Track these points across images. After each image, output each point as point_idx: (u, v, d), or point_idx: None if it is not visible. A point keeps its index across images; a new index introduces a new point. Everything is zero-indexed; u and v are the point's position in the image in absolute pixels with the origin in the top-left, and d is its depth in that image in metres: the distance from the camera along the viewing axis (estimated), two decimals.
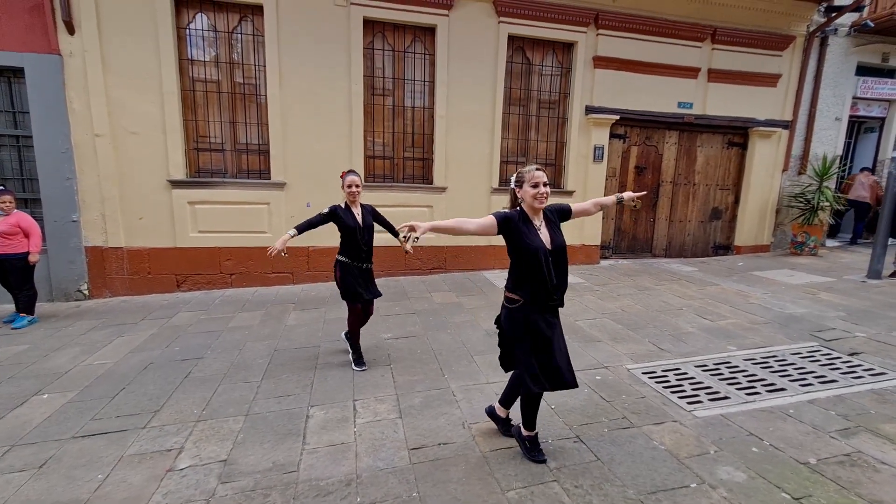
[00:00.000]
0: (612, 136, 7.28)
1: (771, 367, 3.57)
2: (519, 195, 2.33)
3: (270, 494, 2.20)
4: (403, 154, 6.74)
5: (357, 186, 3.51)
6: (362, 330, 4.47)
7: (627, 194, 2.69)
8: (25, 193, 5.67)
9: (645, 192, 2.89)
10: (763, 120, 7.68)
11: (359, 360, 3.65)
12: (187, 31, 5.84)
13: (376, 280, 3.86)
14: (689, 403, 3.02)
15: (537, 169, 2.28)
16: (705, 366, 3.59)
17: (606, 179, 7.38)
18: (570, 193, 7.18)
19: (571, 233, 7.21)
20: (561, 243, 2.32)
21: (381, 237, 6.52)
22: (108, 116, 5.59)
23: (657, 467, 2.35)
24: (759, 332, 4.32)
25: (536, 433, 2.43)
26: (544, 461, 2.37)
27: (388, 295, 5.73)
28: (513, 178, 2.37)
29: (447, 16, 6.34)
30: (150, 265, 6.00)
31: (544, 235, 2.29)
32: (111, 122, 5.62)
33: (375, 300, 3.76)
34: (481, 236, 2.29)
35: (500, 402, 2.65)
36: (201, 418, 2.93)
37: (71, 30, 5.37)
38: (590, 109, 6.99)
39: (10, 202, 4.88)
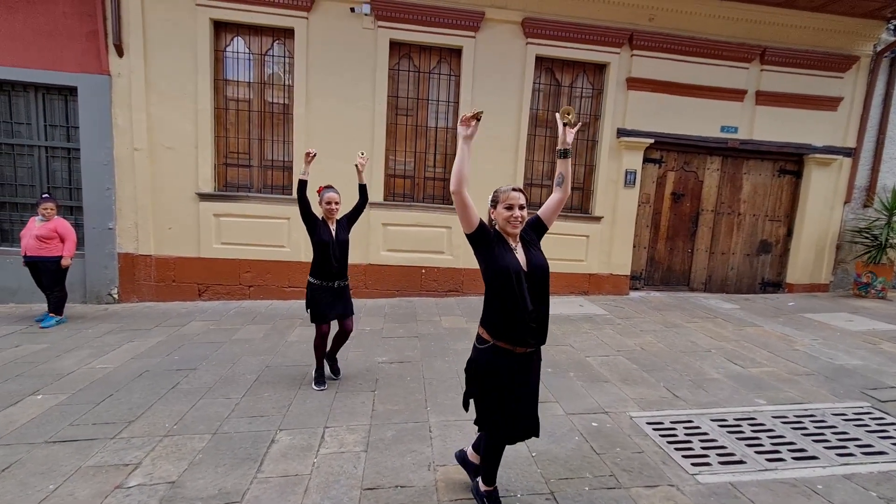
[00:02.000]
0: (647, 160, 6.87)
1: (805, 428, 3.06)
2: (492, 216, 2.11)
3: None
4: (425, 174, 6.69)
5: (336, 203, 3.45)
6: (358, 352, 4.38)
7: (561, 136, 2.16)
8: (71, 202, 6.11)
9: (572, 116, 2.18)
10: (821, 146, 6.98)
11: (319, 379, 3.54)
12: (224, 53, 6.17)
13: (389, 299, 3.74)
14: (693, 465, 2.62)
15: (514, 189, 2.04)
16: (724, 421, 3.14)
17: (639, 206, 6.95)
18: (598, 219, 6.81)
19: (599, 259, 6.87)
20: (539, 264, 2.04)
21: (401, 257, 6.55)
22: (146, 132, 5.96)
23: None
24: (798, 384, 3.77)
25: (495, 488, 2.16)
26: None
27: (397, 316, 5.60)
28: (490, 197, 2.15)
29: (474, 37, 6.31)
30: (175, 273, 6.25)
31: (520, 256, 2.04)
32: (150, 138, 5.98)
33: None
34: (461, 220, 2.00)
35: (474, 446, 2.38)
36: (169, 433, 2.88)
37: (120, 52, 5.81)
38: (622, 132, 6.65)
39: (51, 209, 5.25)
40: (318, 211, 3.53)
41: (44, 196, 5.32)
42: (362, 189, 3.74)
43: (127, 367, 3.97)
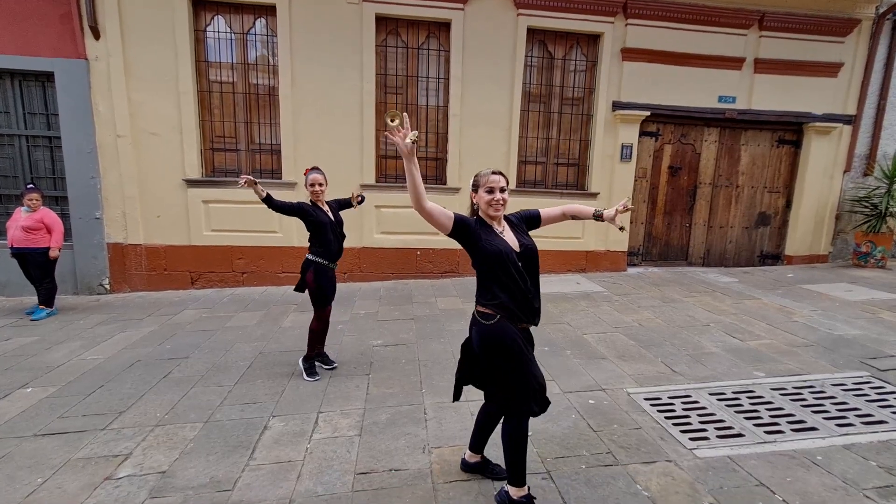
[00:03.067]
0: (643, 133, 6.73)
1: (804, 399, 3.03)
2: (474, 200, 2.05)
3: None
4: (416, 154, 6.52)
5: (320, 185, 3.34)
6: (352, 336, 4.33)
7: (610, 211, 2.15)
8: (56, 192, 5.97)
9: (630, 204, 2.25)
10: (820, 114, 6.83)
11: (311, 369, 3.45)
12: (205, 33, 5.95)
13: (384, 282, 3.68)
14: (691, 440, 2.59)
15: (494, 173, 1.98)
16: (722, 394, 3.11)
17: (636, 180, 6.83)
18: (594, 195, 6.70)
19: (596, 237, 6.78)
20: (530, 246, 2.01)
21: (395, 239, 6.45)
22: (129, 118, 5.78)
23: None
24: (797, 356, 3.73)
25: (529, 490, 2.02)
26: None
27: (392, 299, 5.55)
28: (470, 182, 2.08)
29: (463, 10, 6.09)
30: (167, 262, 6.16)
31: (509, 238, 2.00)
32: (132, 124, 5.81)
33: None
34: (436, 228, 1.95)
35: (470, 447, 2.31)
36: (161, 423, 2.84)
37: (96, 35, 5.59)
38: (617, 105, 6.49)
39: (36, 200, 5.13)
40: (300, 197, 3.44)
41: (28, 186, 5.19)
42: (348, 202, 3.69)
43: (118, 357, 3.92)
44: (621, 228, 2.13)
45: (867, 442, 2.54)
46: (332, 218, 3.40)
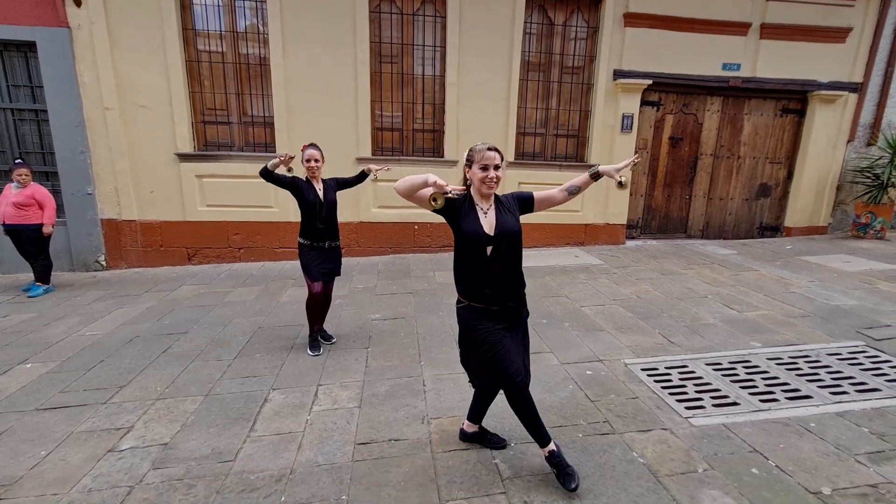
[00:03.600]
0: (644, 103, 6.58)
1: (799, 369, 3.06)
2: (468, 175, 2.00)
3: (195, 486, 2.07)
4: (413, 126, 6.41)
5: (317, 161, 3.27)
6: (351, 310, 4.33)
7: (609, 167, 2.06)
8: (46, 167, 5.86)
9: (638, 158, 2.24)
10: (826, 82, 6.67)
11: (314, 343, 3.46)
12: None
13: (382, 257, 3.63)
14: (687, 408, 2.62)
15: (489, 149, 1.91)
16: (718, 364, 3.14)
17: (636, 151, 6.71)
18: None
19: (595, 209, 6.73)
20: (509, 228, 1.95)
21: (393, 213, 6.38)
22: (116, 90, 5.61)
23: (628, 486, 2.01)
24: (793, 326, 3.75)
25: (554, 445, 2.02)
26: (576, 487, 1.95)
27: (390, 273, 5.54)
28: (465, 155, 2.01)
29: None
30: (162, 238, 6.11)
31: (487, 220, 1.95)
32: (120, 96, 5.65)
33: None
34: (423, 207, 1.93)
35: (469, 418, 2.33)
36: (161, 396, 2.86)
37: (77, 2, 5.36)
38: (618, 74, 6.32)
39: (26, 175, 5.03)
40: (297, 172, 3.36)
41: (16, 162, 5.09)
42: (364, 175, 3.62)
43: (117, 333, 3.92)
44: (620, 184, 2.03)
45: (860, 409, 2.58)
46: (322, 198, 3.33)
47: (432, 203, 1.85)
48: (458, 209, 1.94)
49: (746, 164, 7.10)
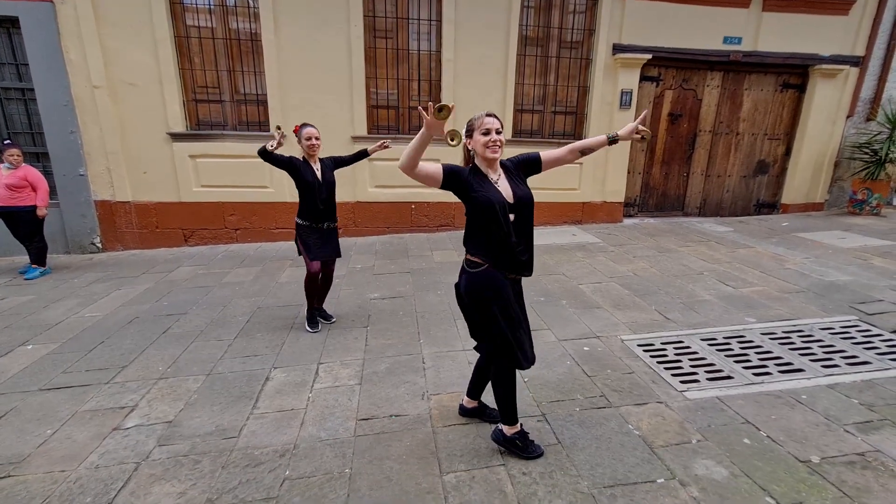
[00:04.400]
0: (643, 78, 6.49)
1: (792, 343, 3.11)
2: (470, 146, 1.97)
3: (201, 461, 2.11)
4: (409, 103, 6.30)
5: (317, 139, 3.23)
6: (350, 290, 4.35)
7: (626, 127, 2.04)
8: (36, 147, 5.76)
9: (645, 118, 2.16)
10: (828, 56, 6.58)
11: (312, 320, 3.49)
12: None
13: (379, 237, 3.61)
14: (682, 382, 2.67)
15: (487, 115, 1.90)
16: (713, 339, 3.19)
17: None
18: None
19: (592, 187, 6.71)
20: (525, 196, 1.96)
21: (390, 192, 6.34)
22: (104, 67, 5.47)
23: (623, 456, 2.06)
24: (787, 302, 3.80)
25: (522, 426, 2.10)
26: (542, 453, 2.09)
27: (388, 253, 5.54)
28: (463, 129, 1.98)
29: None
30: (158, 220, 6.06)
31: (503, 188, 1.94)
32: (108, 74, 5.51)
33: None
34: (427, 186, 1.90)
35: (468, 394, 2.37)
36: (164, 376, 2.89)
37: None
38: (618, 48, 6.20)
39: (17, 156, 4.94)
40: (293, 152, 3.32)
41: (6, 142, 4.99)
42: (364, 153, 3.60)
43: (116, 314, 3.93)
44: (642, 138, 2.03)
45: (850, 381, 2.63)
46: (320, 178, 3.30)
47: (450, 142, 1.82)
48: (467, 181, 1.89)
49: (745, 140, 7.06)
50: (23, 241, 5.08)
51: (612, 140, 2.06)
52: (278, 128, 3.14)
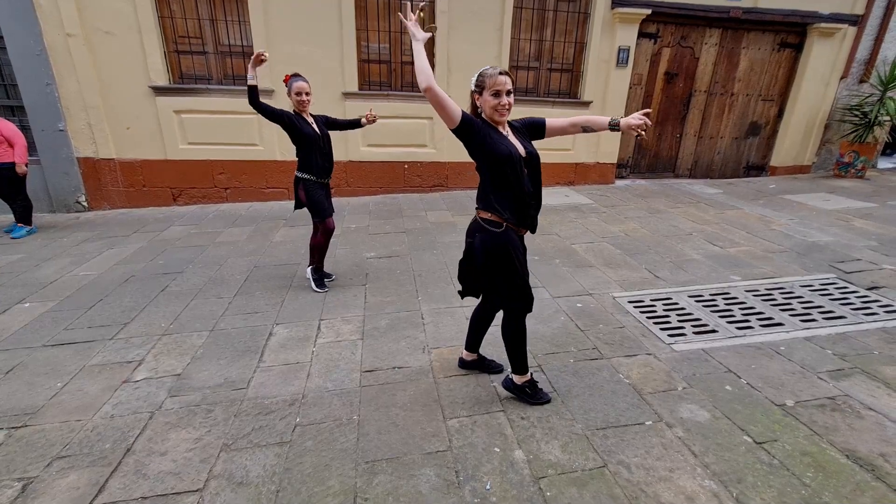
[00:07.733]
0: (641, 35, 6.35)
1: (774, 299, 3.27)
2: (478, 103, 1.93)
3: (214, 410, 2.20)
4: (402, 58, 6.10)
5: (307, 94, 3.13)
6: (345, 249, 4.38)
7: (628, 119, 1.96)
8: (10, 100, 5.50)
9: (649, 111, 2.15)
10: (827, 14, 6.49)
11: (320, 280, 3.52)
12: None
13: (372, 197, 3.60)
14: (670, 336, 2.81)
15: (501, 73, 1.83)
16: (700, 296, 3.33)
17: (630, 88, 6.58)
18: (586, 105, 6.47)
19: (586, 149, 6.69)
20: (535, 154, 1.97)
21: (382, 152, 6.25)
22: (77, 13, 5.16)
23: (615, 402, 2.20)
24: (771, 261, 3.95)
25: (532, 374, 2.22)
26: (550, 399, 2.21)
27: (382, 213, 5.53)
28: (473, 80, 1.93)
29: None
30: (144, 178, 5.92)
31: (514, 142, 1.95)
32: (82, 20, 5.21)
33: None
34: (441, 117, 1.87)
35: (467, 347, 2.45)
36: (167, 332, 2.94)
37: None
38: (616, 2, 6.02)
39: None
40: (283, 105, 3.22)
41: None
42: (357, 123, 3.51)
43: (112, 273, 3.92)
44: (638, 136, 2.03)
45: (826, 334, 2.80)
46: (318, 131, 3.24)
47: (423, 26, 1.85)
48: (479, 131, 1.86)
49: (739, 101, 7.04)
50: (6, 200, 4.94)
51: (613, 126, 2.02)
52: (261, 53, 2.83)
